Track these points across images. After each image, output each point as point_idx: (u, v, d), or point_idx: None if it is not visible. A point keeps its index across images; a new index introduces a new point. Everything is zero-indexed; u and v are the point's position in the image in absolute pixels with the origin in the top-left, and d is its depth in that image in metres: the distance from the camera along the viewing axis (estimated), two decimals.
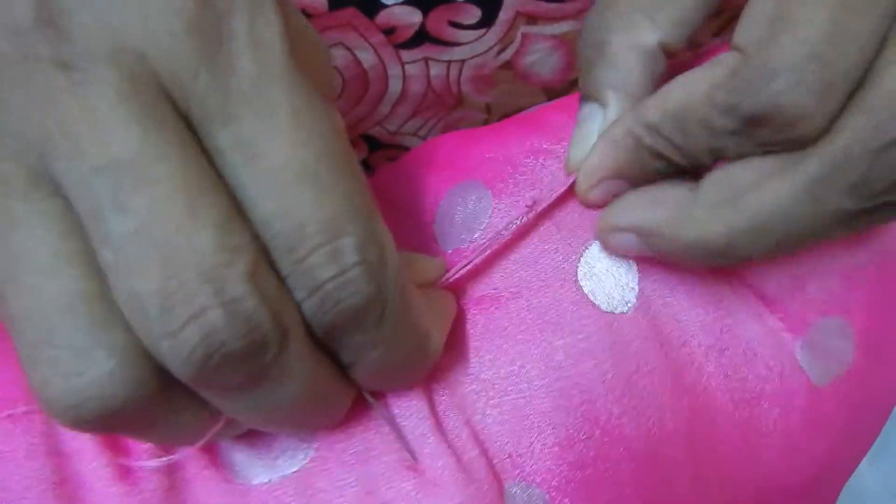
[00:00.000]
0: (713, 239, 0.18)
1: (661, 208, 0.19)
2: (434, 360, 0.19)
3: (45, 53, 0.14)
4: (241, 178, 0.15)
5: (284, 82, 0.15)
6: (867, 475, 0.37)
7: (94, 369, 0.14)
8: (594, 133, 0.20)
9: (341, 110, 0.31)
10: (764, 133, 0.17)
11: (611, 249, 0.21)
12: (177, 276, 0.14)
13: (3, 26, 0.14)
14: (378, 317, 0.16)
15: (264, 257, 0.15)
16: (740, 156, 0.18)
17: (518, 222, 0.21)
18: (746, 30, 0.17)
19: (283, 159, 0.14)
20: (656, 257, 0.20)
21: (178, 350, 0.14)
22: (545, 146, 0.23)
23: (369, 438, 0.20)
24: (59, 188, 0.14)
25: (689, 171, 0.19)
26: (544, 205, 0.22)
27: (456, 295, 0.22)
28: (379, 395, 0.20)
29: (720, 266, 0.21)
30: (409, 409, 0.20)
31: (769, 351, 0.22)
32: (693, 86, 0.18)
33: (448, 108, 0.32)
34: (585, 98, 0.21)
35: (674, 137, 0.18)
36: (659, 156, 0.19)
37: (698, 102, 0.17)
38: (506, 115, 0.33)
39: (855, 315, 0.23)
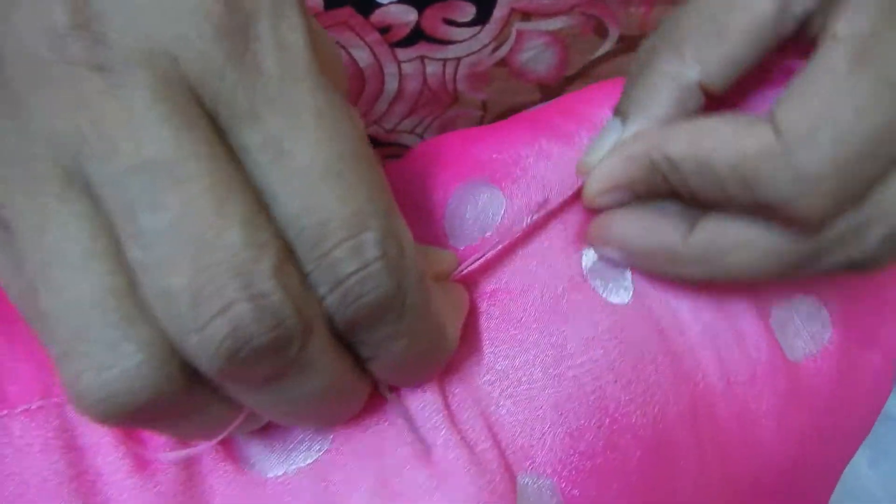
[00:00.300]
0: (692, 277, 0.21)
1: (650, 237, 0.21)
2: (450, 353, 0.19)
3: (81, 56, 0.14)
4: (266, 177, 0.15)
5: (308, 83, 0.15)
6: (868, 478, 0.38)
7: (124, 362, 0.14)
8: (608, 143, 0.21)
9: None
10: (768, 211, 0.18)
11: (598, 254, 0.22)
12: (206, 271, 0.14)
13: (40, 30, 0.15)
14: (398, 311, 0.16)
15: (288, 254, 0.15)
16: (739, 211, 0.19)
17: (529, 221, 0.22)
18: (793, 110, 0.18)
19: (308, 158, 0.15)
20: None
21: (206, 344, 0.14)
22: (554, 150, 0.23)
23: (383, 430, 0.20)
24: (88, 187, 0.15)
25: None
26: (553, 205, 0.22)
27: (469, 289, 0.22)
28: (392, 388, 0.20)
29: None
30: (422, 402, 0.20)
31: (754, 331, 0.22)
32: (725, 145, 0.18)
33: (444, 106, 0.32)
34: (615, 111, 0.21)
35: (689, 178, 0.19)
36: (668, 182, 0.20)
37: (723, 166, 0.18)
38: (501, 113, 0.33)
39: (830, 296, 0.23)
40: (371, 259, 0.15)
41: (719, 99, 0.20)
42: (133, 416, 0.15)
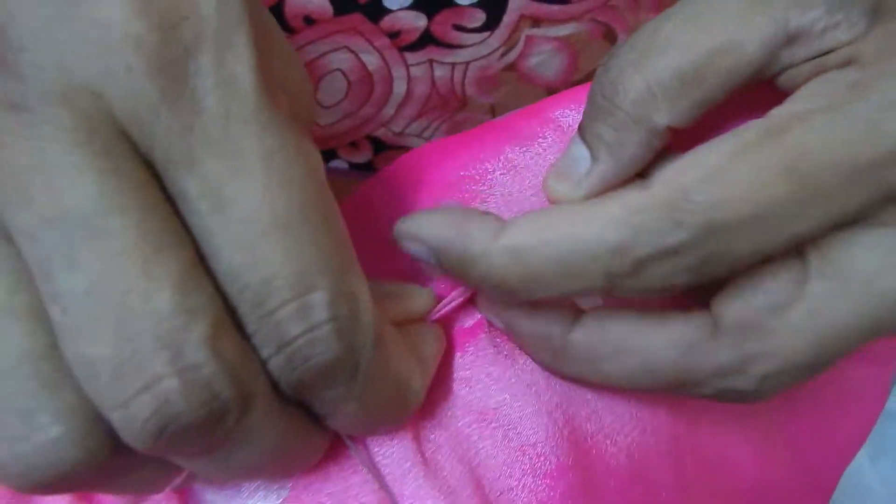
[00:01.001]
0: (572, 375, 0.19)
1: (535, 324, 0.19)
2: (416, 406, 0.18)
3: None
4: (206, 227, 0.14)
5: (255, 123, 0.14)
6: (868, 474, 0.38)
7: (39, 435, 0.13)
8: (577, 174, 0.19)
9: (346, 112, 0.32)
10: None
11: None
12: (130, 341, 0.13)
13: None
14: (351, 372, 0.15)
15: (228, 313, 0.14)
16: None
17: None
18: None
19: (253, 208, 0.14)
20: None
21: (129, 422, 0.13)
22: (518, 158, 0.23)
23: (346, 478, 0.19)
24: (9, 236, 0.14)
25: None
26: None
27: (447, 325, 0.21)
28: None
29: None
30: (391, 449, 0.19)
31: None
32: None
33: (452, 110, 0.32)
34: (582, 135, 0.20)
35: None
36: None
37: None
38: None
39: None
40: (319, 321, 0.14)
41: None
42: (55, 488, 0.14)
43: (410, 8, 0.27)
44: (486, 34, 0.29)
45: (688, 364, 0.18)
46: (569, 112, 0.23)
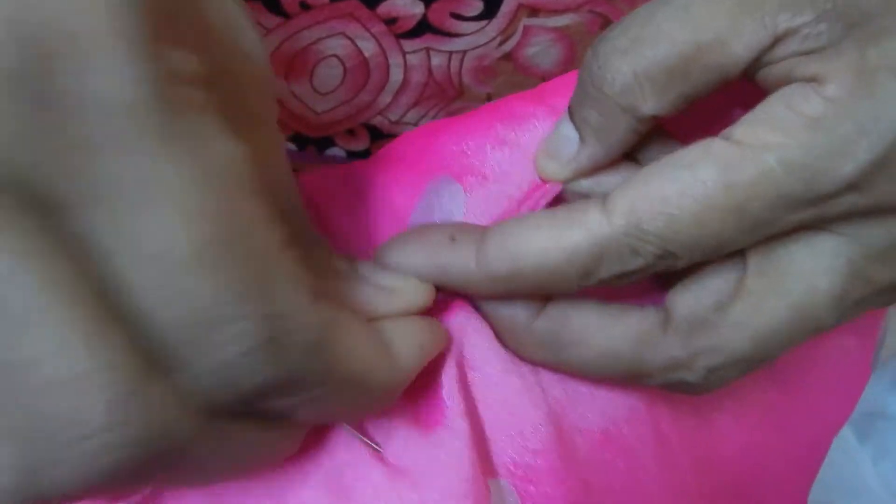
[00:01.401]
0: (535, 359, 0.21)
1: (502, 307, 0.21)
2: (389, 393, 0.18)
3: None
4: (115, 268, 0.12)
5: (147, 152, 0.12)
6: (871, 476, 0.38)
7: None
8: (566, 154, 0.21)
9: (343, 99, 0.32)
10: None
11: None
12: (41, 413, 0.12)
13: None
14: (298, 384, 0.15)
15: (148, 354, 0.13)
16: None
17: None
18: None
19: (159, 245, 0.12)
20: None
21: (64, 480, 0.12)
22: (510, 134, 0.23)
23: (336, 428, 0.20)
24: None
25: None
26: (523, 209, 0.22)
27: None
28: None
29: None
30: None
31: None
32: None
33: (449, 99, 0.32)
34: (570, 116, 0.20)
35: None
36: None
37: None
38: None
39: None
40: (248, 349, 0.13)
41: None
42: None
43: None
44: (483, 23, 0.29)
45: (641, 357, 0.19)
46: (562, 99, 0.23)
